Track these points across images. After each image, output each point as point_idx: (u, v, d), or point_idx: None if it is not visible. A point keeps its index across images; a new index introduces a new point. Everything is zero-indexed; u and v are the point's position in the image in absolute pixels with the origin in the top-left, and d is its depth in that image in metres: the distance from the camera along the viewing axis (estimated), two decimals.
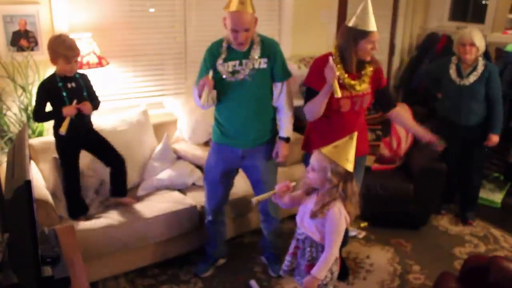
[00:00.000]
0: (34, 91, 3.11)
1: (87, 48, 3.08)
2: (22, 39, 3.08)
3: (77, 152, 2.76)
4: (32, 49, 3.10)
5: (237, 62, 2.45)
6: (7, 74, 3.02)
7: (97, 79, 3.32)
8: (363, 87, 2.49)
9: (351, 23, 2.47)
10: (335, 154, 1.98)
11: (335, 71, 2.30)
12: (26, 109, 3.10)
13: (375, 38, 2.42)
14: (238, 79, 2.45)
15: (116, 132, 3.03)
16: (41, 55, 3.15)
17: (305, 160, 2.59)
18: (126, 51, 3.45)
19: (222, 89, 2.51)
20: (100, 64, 3.14)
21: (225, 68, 2.46)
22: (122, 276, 2.82)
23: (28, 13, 3.05)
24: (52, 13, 3.13)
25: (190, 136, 3.45)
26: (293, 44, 4.26)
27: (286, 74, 2.58)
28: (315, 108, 2.46)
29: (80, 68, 3.05)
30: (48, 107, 2.65)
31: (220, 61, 2.46)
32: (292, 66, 4.04)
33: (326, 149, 2.00)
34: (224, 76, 2.47)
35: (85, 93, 2.67)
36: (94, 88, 2.78)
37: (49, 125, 3.23)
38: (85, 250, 2.42)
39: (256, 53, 2.46)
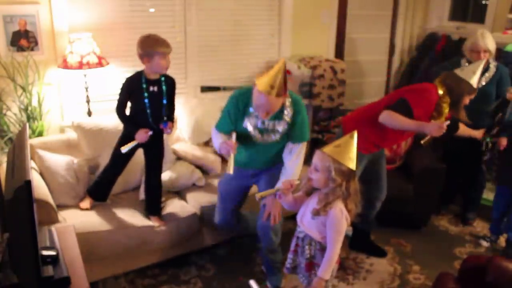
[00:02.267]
0: (34, 91, 3.12)
1: (87, 48, 3.08)
2: (22, 39, 3.08)
3: (134, 149, 2.78)
4: (32, 49, 3.11)
5: (271, 122, 2.43)
6: (7, 74, 3.02)
7: (97, 79, 3.34)
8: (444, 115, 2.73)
9: (464, 76, 2.67)
10: (338, 153, 1.98)
11: (442, 133, 2.50)
12: (26, 109, 3.10)
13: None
14: (267, 141, 2.49)
15: (117, 132, 3.01)
16: (41, 55, 3.15)
17: None
18: (126, 51, 3.44)
19: (244, 135, 2.49)
20: (100, 64, 3.14)
21: (255, 123, 2.44)
22: (122, 276, 2.82)
23: (28, 13, 3.05)
24: (52, 13, 3.13)
25: (190, 136, 3.46)
26: (293, 44, 4.26)
27: (300, 138, 2.52)
28: (395, 125, 2.62)
29: (80, 68, 3.06)
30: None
31: (252, 117, 2.43)
32: (292, 66, 4.04)
33: (328, 149, 2.00)
34: (250, 130, 2.45)
35: (164, 101, 2.69)
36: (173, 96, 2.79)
37: (48, 125, 3.24)
38: (88, 252, 2.42)
39: (288, 115, 2.43)
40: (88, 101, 3.28)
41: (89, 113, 3.30)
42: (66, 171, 2.86)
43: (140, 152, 2.86)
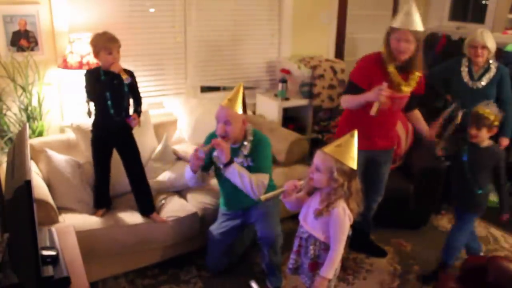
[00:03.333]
0: (34, 91, 3.12)
1: (87, 48, 3.08)
2: (22, 39, 3.08)
3: (108, 149, 2.81)
4: (32, 49, 3.11)
5: (244, 159, 2.62)
6: (7, 74, 3.02)
7: None
8: (407, 90, 2.61)
9: (392, 23, 2.58)
10: (339, 153, 1.98)
11: (383, 96, 2.37)
12: (26, 109, 3.10)
13: (401, 35, 2.46)
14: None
15: None
16: (41, 55, 3.16)
17: None
18: (126, 51, 3.40)
19: (218, 173, 2.71)
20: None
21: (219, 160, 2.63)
22: (122, 276, 2.82)
23: (28, 13, 3.05)
24: (52, 13, 3.13)
25: (190, 136, 3.46)
26: (293, 44, 4.27)
27: (259, 170, 2.62)
28: (351, 105, 2.65)
29: (80, 68, 3.06)
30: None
31: (215, 152, 2.62)
32: (292, 66, 4.05)
33: (329, 149, 2.00)
34: (218, 165, 2.63)
35: (125, 91, 2.69)
36: (138, 89, 2.81)
37: (48, 125, 3.24)
38: (89, 250, 2.42)
39: (245, 150, 2.64)
40: (88, 101, 3.27)
41: (89, 113, 3.29)
42: (72, 174, 2.85)
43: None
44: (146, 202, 2.85)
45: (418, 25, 2.47)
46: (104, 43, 2.59)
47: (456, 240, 2.75)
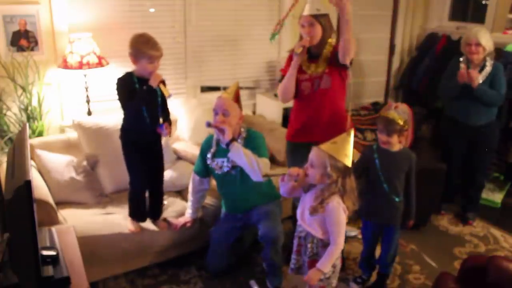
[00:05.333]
0: (34, 91, 3.12)
1: (87, 48, 3.09)
2: (22, 39, 3.08)
3: (139, 149, 2.68)
4: (32, 49, 3.11)
5: (225, 159, 2.64)
6: (7, 74, 3.02)
7: (97, 79, 3.34)
8: (319, 70, 2.68)
9: None
10: (334, 149, 2.01)
11: (302, 43, 2.61)
12: (26, 109, 3.10)
13: (303, 21, 2.64)
14: (223, 171, 2.67)
15: (117, 132, 3.02)
16: (41, 55, 3.16)
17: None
18: (126, 51, 3.40)
19: (214, 176, 2.77)
20: (100, 64, 3.14)
21: (214, 164, 2.69)
22: (122, 276, 2.82)
23: (28, 13, 3.05)
24: (52, 13, 3.13)
25: (190, 136, 3.46)
26: (293, 44, 4.23)
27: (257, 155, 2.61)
28: (285, 84, 2.66)
29: (80, 68, 3.06)
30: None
31: (209, 155, 2.71)
32: None
33: (325, 146, 2.03)
34: (213, 167, 2.71)
35: (159, 100, 2.61)
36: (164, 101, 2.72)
37: (48, 125, 3.24)
38: (89, 255, 2.41)
39: (242, 136, 2.65)
40: (88, 101, 3.28)
41: (89, 113, 3.30)
42: (65, 168, 2.87)
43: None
44: (157, 208, 2.85)
45: (315, 9, 2.66)
46: (148, 51, 2.44)
47: (391, 256, 2.74)
